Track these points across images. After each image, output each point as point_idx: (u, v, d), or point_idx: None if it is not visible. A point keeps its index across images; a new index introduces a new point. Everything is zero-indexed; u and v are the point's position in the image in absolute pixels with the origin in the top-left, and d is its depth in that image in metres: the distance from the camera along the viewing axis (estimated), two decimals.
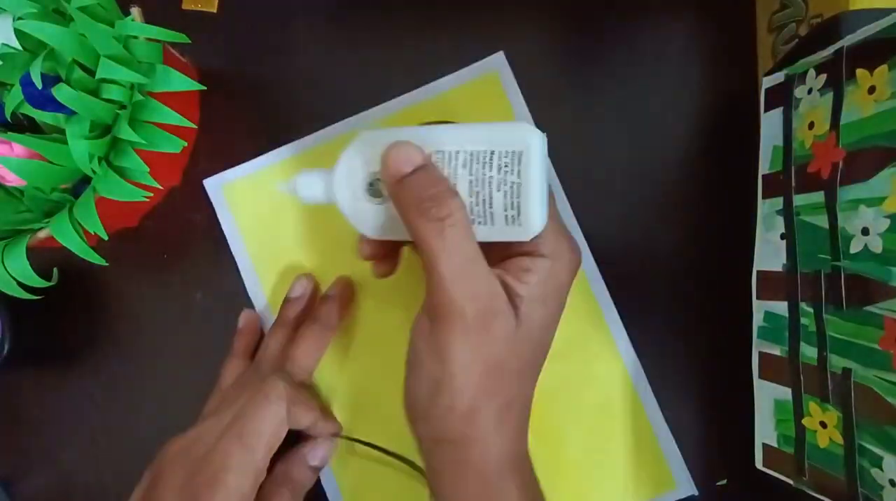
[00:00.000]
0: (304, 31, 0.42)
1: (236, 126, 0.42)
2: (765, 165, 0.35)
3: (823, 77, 0.31)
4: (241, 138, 0.42)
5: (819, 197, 0.31)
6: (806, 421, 0.32)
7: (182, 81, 0.35)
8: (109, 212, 0.34)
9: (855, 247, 0.29)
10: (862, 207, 0.28)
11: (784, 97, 0.34)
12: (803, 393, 0.32)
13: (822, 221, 0.30)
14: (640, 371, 0.40)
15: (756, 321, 0.35)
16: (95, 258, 0.34)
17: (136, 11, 0.35)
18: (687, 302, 0.40)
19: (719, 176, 0.40)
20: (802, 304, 0.32)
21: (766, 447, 0.35)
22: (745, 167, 0.37)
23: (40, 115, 0.35)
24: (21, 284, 0.35)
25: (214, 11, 0.43)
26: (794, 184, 0.33)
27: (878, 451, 0.28)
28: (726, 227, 0.39)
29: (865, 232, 0.28)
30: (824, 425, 0.31)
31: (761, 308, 0.35)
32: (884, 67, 0.27)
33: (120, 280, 0.42)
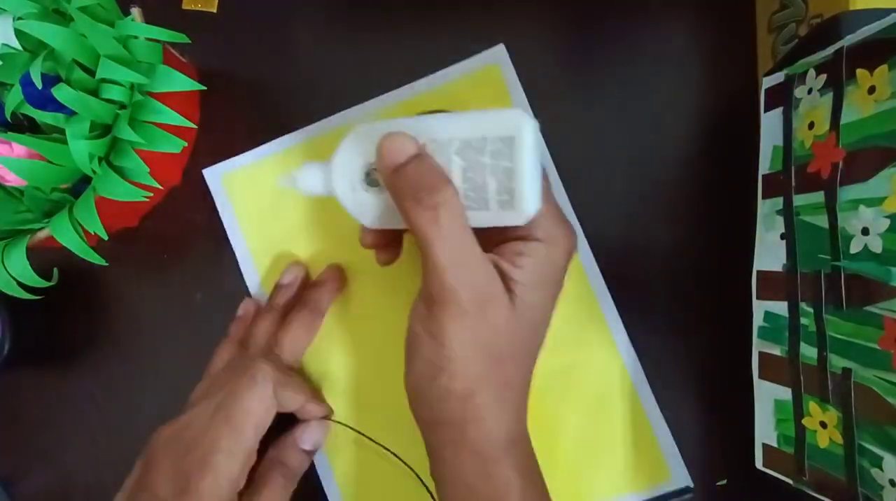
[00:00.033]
0: (303, 30, 0.42)
1: (236, 126, 0.42)
2: (765, 165, 0.35)
3: (823, 77, 0.31)
4: (241, 138, 0.42)
5: (819, 197, 0.31)
6: (806, 421, 0.32)
7: (182, 81, 0.35)
8: (109, 212, 0.34)
9: (855, 247, 0.29)
10: (862, 207, 0.28)
11: (784, 97, 0.34)
12: (803, 393, 0.32)
13: (822, 221, 0.30)
14: (636, 362, 0.40)
15: (756, 321, 0.35)
16: (95, 258, 0.34)
17: (136, 11, 0.35)
18: (687, 302, 0.40)
19: (719, 176, 0.40)
20: (802, 304, 0.32)
21: (766, 447, 0.35)
22: (745, 167, 0.37)
23: (40, 115, 0.35)
24: (21, 284, 0.35)
25: (214, 11, 0.43)
26: (794, 184, 0.33)
27: (878, 451, 0.28)
28: (726, 227, 0.39)
29: (865, 232, 0.28)
30: (824, 425, 0.31)
31: (761, 308, 0.35)
32: (884, 67, 0.27)
33: (120, 280, 0.42)
